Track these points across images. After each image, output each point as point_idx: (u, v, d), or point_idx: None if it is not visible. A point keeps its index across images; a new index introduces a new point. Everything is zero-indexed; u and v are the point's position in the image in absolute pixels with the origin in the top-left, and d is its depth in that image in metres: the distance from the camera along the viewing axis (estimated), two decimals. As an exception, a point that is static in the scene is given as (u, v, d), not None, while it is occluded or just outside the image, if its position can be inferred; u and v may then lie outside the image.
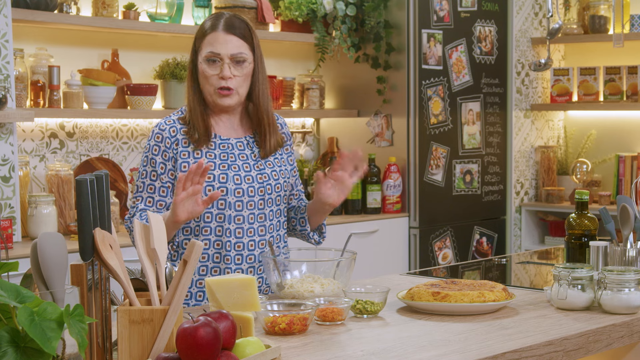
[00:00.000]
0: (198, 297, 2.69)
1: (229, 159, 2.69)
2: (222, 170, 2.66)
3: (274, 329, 2.12)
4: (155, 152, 2.66)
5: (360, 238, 4.70)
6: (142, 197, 2.67)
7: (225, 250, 2.66)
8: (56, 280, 1.63)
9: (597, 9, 5.55)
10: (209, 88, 2.67)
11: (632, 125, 5.58)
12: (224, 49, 2.64)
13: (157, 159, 2.66)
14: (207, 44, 2.66)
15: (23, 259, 2.45)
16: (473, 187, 5.29)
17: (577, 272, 2.39)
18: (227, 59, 2.64)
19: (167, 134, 2.66)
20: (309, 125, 5.31)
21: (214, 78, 2.65)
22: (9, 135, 3.72)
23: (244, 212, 2.67)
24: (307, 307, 2.18)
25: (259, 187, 2.69)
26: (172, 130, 2.67)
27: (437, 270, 3.30)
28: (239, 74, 2.66)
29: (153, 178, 2.67)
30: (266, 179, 2.71)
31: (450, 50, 5.10)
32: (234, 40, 2.66)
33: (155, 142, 2.67)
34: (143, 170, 2.69)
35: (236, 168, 2.68)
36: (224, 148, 2.70)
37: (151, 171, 2.67)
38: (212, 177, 2.64)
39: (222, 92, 2.66)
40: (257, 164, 2.72)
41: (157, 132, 2.67)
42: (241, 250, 2.67)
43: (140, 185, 2.68)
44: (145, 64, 4.50)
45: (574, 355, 2.14)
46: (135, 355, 1.73)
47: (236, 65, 2.65)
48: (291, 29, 4.87)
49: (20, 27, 4.01)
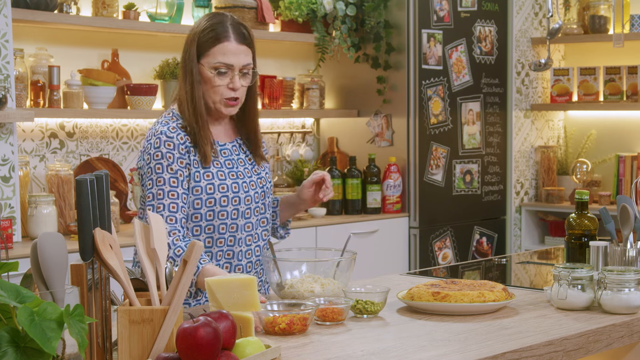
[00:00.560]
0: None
1: (234, 167, 2.67)
2: (232, 179, 2.64)
3: (274, 329, 2.12)
4: (171, 160, 2.55)
5: (360, 238, 4.70)
6: (164, 204, 2.53)
7: (236, 260, 2.66)
8: (56, 280, 1.63)
9: (597, 9, 5.55)
10: (215, 97, 2.61)
11: (632, 125, 5.58)
12: (237, 60, 2.60)
13: (174, 166, 2.55)
14: (218, 53, 2.59)
15: (23, 259, 2.45)
16: (473, 187, 5.29)
17: (577, 272, 2.39)
18: (237, 70, 2.61)
19: (177, 140, 2.57)
20: (309, 125, 5.31)
21: (223, 88, 2.60)
22: (9, 135, 3.72)
23: (252, 219, 2.69)
24: (307, 307, 2.17)
25: (260, 192, 2.71)
26: (180, 137, 2.58)
27: (437, 270, 3.30)
28: (245, 84, 2.64)
29: (173, 184, 2.54)
30: (263, 183, 2.74)
31: (450, 50, 5.10)
32: (245, 51, 2.62)
33: (168, 150, 2.55)
34: (159, 178, 2.54)
35: (242, 175, 2.67)
36: (225, 155, 2.67)
37: (170, 178, 2.54)
38: (226, 188, 2.61)
39: (230, 102, 2.62)
40: (253, 168, 2.73)
41: (166, 139, 2.56)
42: (250, 257, 2.69)
43: (158, 192, 2.54)
44: (145, 64, 4.50)
45: (574, 355, 2.14)
46: (135, 355, 1.73)
47: (244, 76, 2.63)
48: (291, 29, 4.87)
49: (20, 27, 4.01)
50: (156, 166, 2.55)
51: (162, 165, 2.55)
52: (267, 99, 4.84)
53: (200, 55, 2.61)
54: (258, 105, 2.76)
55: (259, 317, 2.15)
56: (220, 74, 2.59)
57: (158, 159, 2.55)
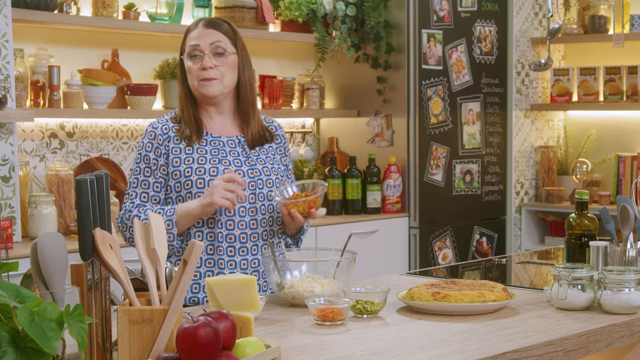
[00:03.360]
0: (194, 289, 2.75)
1: (220, 154, 2.78)
2: (213, 164, 2.74)
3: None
4: (149, 149, 2.77)
5: (360, 238, 4.70)
6: (137, 192, 2.75)
7: (217, 241, 2.72)
8: (56, 280, 1.63)
9: (597, 9, 5.55)
10: (193, 81, 2.79)
11: (632, 125, 5.58)
12: (202, 40, 2.77)
13: (151, 155, 2.76)
14: (189, 40, 2.80)
15: (23, 259, 2.46)
16: (473, 187, 5.29)
17: (577, 272, 2.39)
18: (208, 51, 2.76)
19: (160, 131, 2.77)
20: (309, 125, 5.31)
21: (196, 70, 2.77)
22: (9, 135, 3.72)
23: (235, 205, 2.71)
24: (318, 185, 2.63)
25: (249, 181, 2.76)
26: (164, 128, 2.78)
27: (437, 270, 3.30)
28: (220, 64, 2.77)
29: (147, 174, 2.76)
30: (257, 174, 2.78)
31: (450, 50, 5.10)
32: (212, 33, 2.79)
33: (149, 140, 2.77)
34: (136, 167, 2.78)
35: (227, 162, 2.77)
36: (215, 145, 2.79)
37: (145, 167, 2.76)
38: (203, 171, 2.72)
39: (203, 81, 2.76)
40: (248, 160, 2.80)
41: (150, 130, 2.79)
42: (233, 242, 2.73)
43: (134, 181, 2.77)
44: (145, 64, 4.50)
45: (574, 355, 2.14)
46: (135, 355, 1.73)
47: (217, 56, 2.77)
48: (291, 29, 4.87)
49: (20, 27, 4.01)
50: (137, 156, 2.80)
51: (140, 155, 2.78)
52: (267, 99, 4.84)
53: (183, 52, 2.83)
54: (250, 90, 2.84)
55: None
56: (192, 57, 2.78)
57: (139, 149, 2.79)
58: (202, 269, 2.72)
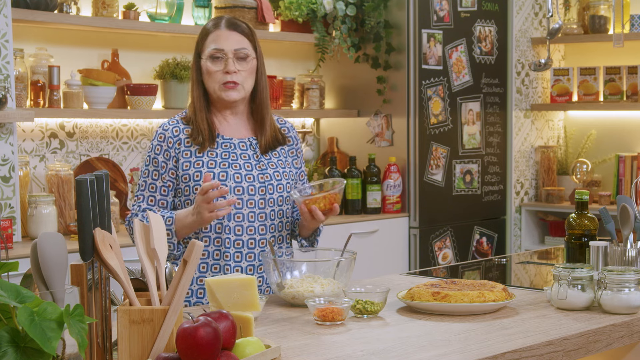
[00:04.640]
0: (199, 295, 2.71)
1: (230, 157, 2.72)
2: (222, 168, 2.69)
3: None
4: (158, 152, 2.71)
5: (360, 238, 4.70)
6: (144, 195, 2.72)
7: (224, 247, 2.68)
8: (56, 280, 1.63)
9: (597, 9, 5.55)
10: (214, 85, 2.71)
11: (632, 125, 5.58)
12: (227, 44, 2.70)
13: (159, 158, 2.71)
14: (210, 42, 2.71)
15: (23, 259, 2.46)
16: (473, 187, 5.29)
17: (577, 272, 2.39)
18: (231, 54, 2.69)
19: (170, 133, 2.71)
20: (309, 125, 5.31)
21: (219, 74, 2.70)
22: (9, 135, 3.72)
23: (243, 210, 2.69)
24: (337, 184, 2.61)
25: (259, 186, 2.71)
26: (174, 130, 2.72)
27: (437, 270, 3.30)
28: (243, 69, 2.71)
29: (155, 177, 2.71)
30: (268, 179, 2.73)
31: (450, 50, 5.10)
32: (236, 36, 2.71)
33: (158, 142, 2.72)
34: (145, 170, 2.73)
35: (237, 167, 2.71)
36: (225, 147, 2.73)
37: (153, 170, 2.71)
38: (212, 175, 2.67)
39: (227, 86, 2.70)
40: (259, 164, 2.75)
41: (160, 132, 2.73)
42: (240, 248, 2.69)
43: (142, 184, 2.73)
44: (145, 64, 4.50)
45: (574, 355, 2.14)
46: (135, 355, 1.72)
47: (240, 60, 2.71)
48: (291, 29, 4.87)
49: (20, 27, 4.01)
50: (146, 158, 2.75)
51: (149, 157, 2.73)
52: (267, 99, 4.84)
53: (200, 53, 2.74)
54: (267, 94, 2.79)
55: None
56: (214, 59, 2.71)
57: (149, 151, 2.74)
58: (209, 274, 2.68)
